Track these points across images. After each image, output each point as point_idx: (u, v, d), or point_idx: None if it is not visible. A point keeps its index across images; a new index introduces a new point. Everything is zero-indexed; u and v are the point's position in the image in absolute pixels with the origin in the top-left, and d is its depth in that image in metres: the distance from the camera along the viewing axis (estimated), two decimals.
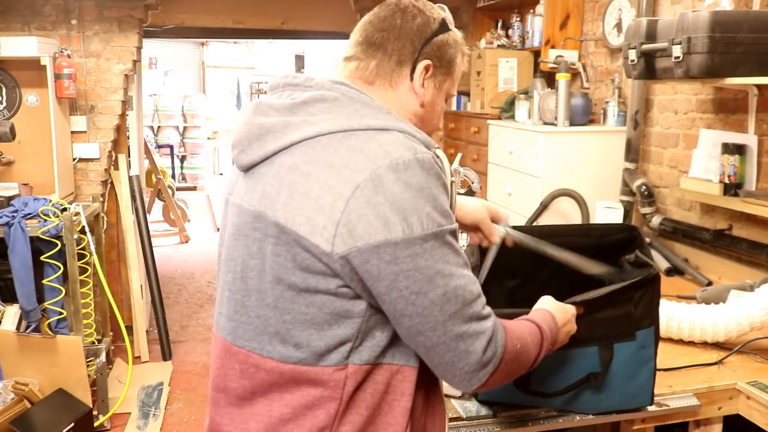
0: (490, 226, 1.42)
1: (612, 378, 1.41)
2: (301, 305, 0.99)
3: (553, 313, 1.23)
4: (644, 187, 2.89)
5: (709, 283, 2.46)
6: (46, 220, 3.14)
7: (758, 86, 2.38)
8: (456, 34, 1.16)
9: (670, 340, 1.86)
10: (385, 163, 0.95)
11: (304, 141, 1.00)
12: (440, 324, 0.96)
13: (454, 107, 4.53)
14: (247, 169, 1.06)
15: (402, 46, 1.10)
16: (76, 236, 3.21)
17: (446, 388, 1.49)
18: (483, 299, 1.02)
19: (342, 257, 0.94)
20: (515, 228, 1.45)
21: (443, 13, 1.16)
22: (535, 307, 1.25)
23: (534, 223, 3.12)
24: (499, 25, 4.29)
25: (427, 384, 1.09)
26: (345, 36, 5.22)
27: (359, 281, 0.96)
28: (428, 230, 0.94)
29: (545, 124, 3.27)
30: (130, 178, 4.12)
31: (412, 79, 1.11)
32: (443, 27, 1.13)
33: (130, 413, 3.39)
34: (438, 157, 1.03)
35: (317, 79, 1.08)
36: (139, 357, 4.03)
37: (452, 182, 1.06)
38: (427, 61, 1.11)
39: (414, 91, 1.12)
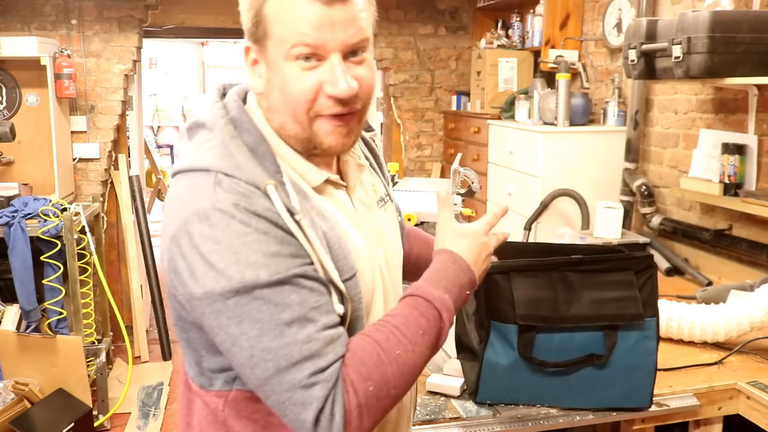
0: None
1: (614, 364, 1.42)
2: (185, 330, 0.99)
3: (457, 252, 1.02)
4: (644, 187, 2.89)
5: (709, 283, 2.46)
6: (46, 220, 3.14)
7: (758, 86, 2.38)
8: None
9: (670, 340, 1.86)
10: (188, 213, 0.88)
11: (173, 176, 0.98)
12: (258, 387, 0.88)
13: (454, 107, 4.53)
14: None
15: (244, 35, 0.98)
16: (76, 236, 3.21)
17: (445, 388, 1.50)
18: (317, 361, 0.86)
19: (179, 304, 0.94)
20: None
21: None
22: (437, 245, 1.05)
23: (534, 223, 3.12)
24: (499, 25, 4.29)
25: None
26: None
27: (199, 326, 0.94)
28: (226, 287, 0.85)
29: (545, 124, 3.27)
30: (130, 178, 4.12)
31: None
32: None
33: (130, 413, 3.39)
34: (268, 195, 0.89)
35: (214, 99, 1.01)
36: (139, 357, 4.03)
37: (297, 220, 0.89)
38: (246, 43, 0.96)
39: (252, 85, 0.98)
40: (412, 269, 1.27)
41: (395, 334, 0.92)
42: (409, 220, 1.94)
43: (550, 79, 3.53)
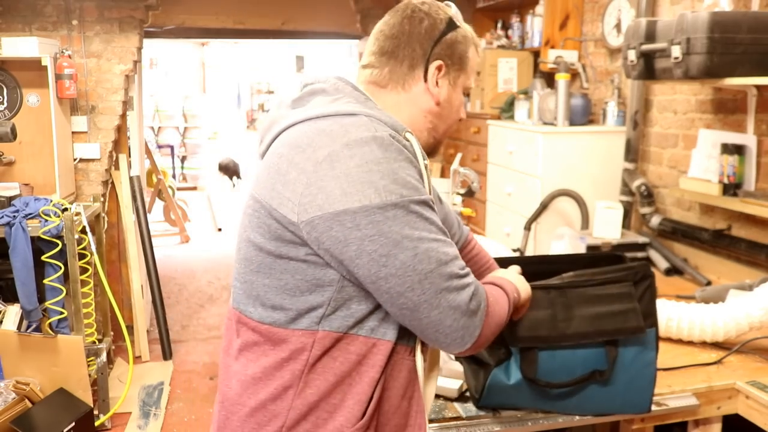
0: None
1: (615, 378, 1.41)
2: (277, 271, 1.06)
3: (517, 286, 1.27)
4: (644, 187, 2.90)
5: (708, 283, 2.47)
6: (47, 220, 3.14)
7: (757, 86, 2.39)
8: (465, 29, 1.22)
9: (669, 339, 1.86)
10: (344, 140, 1.02)
11: (289, 128, 1.11)
12: (417, 283, 1.00)
13: None
14: (261, 156, 1.18)
15: (412, 51, 1.17)
16: (76, 236, 3.22)
17: (443, 389, 1.50)
18: (460, 262, 1.05)
19: (307, 224, 1.01)
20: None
21: (450, 11, 1.21)
22: (502, 274, 1.31)
23: (533, 223, 3.12)
24: (499, 25, 4.29)
25: (410, 368, 1.12)
26: (345, 36, 5.25)
27: (326, 250, 1.01)
28: (387, 200, 0.99)
29: (545, 124, 3.28)
30: (130, 178, 4.13)
31: (426, 80, 1.18)
32: (450, 26, 1.19)
33: (130, 413, 3.40)
34: (407, 140, 1.09)
35: (322, 76, 1.18)
36: (140, 357, 4.04)
37: (425, 165, 1.10)
38: (438, 62, 1.17)
39: (429, 91, 1.18)
40: None
41: (501, 294, 1.18)
42: None
43: (549, 80, 3.54)
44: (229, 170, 10.01)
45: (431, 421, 1.41)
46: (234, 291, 1.18)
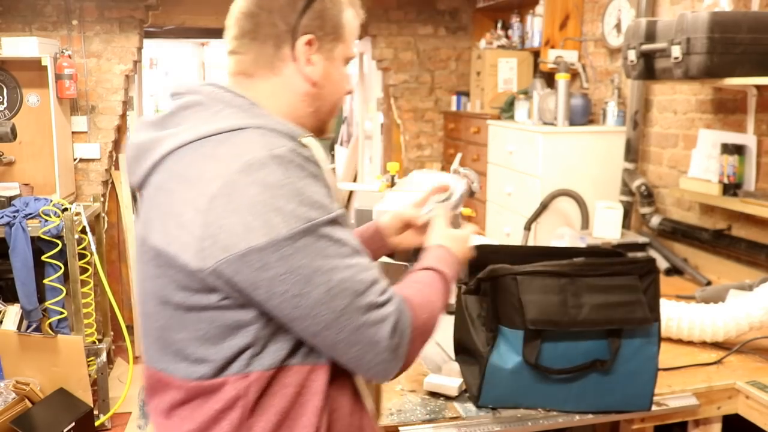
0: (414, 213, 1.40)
1: (617, 369, 1.42)
2: (191, 323, 0.95)
3: (448, 247, 1.22)
4: (643, 187, 2.90)
5: (708, 283, 2.47)
6: (47, 220, 3.15)
7: (757, 86, 2.39)
8: None
9: (669, 339, 1.86)
10: (237, 166, 0.90)
11: (167, 155, 0.97)
12: (333, 321, 0.92)
13: (454, 107, 4.54)
14: (139, 189, 1.05)
15: (275, 27, 1.02)
16: (76, 236, 3.22)
17: (443, 388, 1.50)
18: (380, 285, 0.96)
19: (212, 272, 0.90)
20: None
21: None
22: (428, 241, 1.25)
23: (533, 223, 3.12)
24: (499, 25, 4.29)
25: (350, 381, 1.05)
26: None
27: (238, 291, 0.92)
28: (296, 228, 0.89)
29: (545, 124, 3.28)
30: None
31: (295, 59, 1.04)
32: None
33: (130, 413, 3.40)
34: (305, 146, 0.97)
35: (190, 84, 1.04)
36: (140, 357, 4.03)
37: (332, 168, 1.04)
38: (307, 36, 1.03)
39: (301, 72, 1.04)
40: None
41: (430, 286, 1.09)
42: None
43: (549, 80, 3.54)
44: None
45: (431, 420, 1.41)
46: (146, 349, 1.06)
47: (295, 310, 0.91)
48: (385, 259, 1.65)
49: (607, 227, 2.74)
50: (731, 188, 2.46)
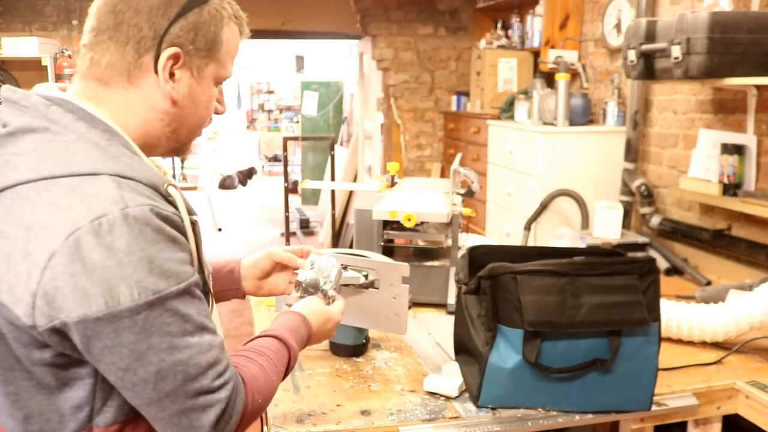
0: (288, 256, 1.30)
1: (617, 369, 1.42)
2: (22, 377, 0.87)
3: (308, 320, 1.17)
4: (643, 187, 2.90)
5: (708, 283, 2.47)
6: None
7: (757, 86, 2.39)
8: (223, 5, 0.97)
9: (669, 339, 1.86)
10: (86, 223, 0.80)
11: (4, 191, 0.84)
12: (156, 401, 0.85)
13: (454, 107, 4.54)
14: None
15: (138, 31, 0.90)
16: None
17: (443, 388, 1.50)
18: (217, 368, 0.88)
19: (46, 330, 0.81)
20: None
21: None
22: (296, 307, 1.19)
23: (533, 223, 3.12)
24: (499, 25, 4.30)
25: None
26: (345, 36, 5.25)
27: (72, 348, 0.84)
28: (140, 300, 0.81)
29: (545, 124, 3.28)
30: None
31: (157, 72, 0.92)
32: (197, 1, 0.93)
33: None
34: (171, 196, 0.89)
35: (35, 97, 0.90)
36: None
37: (193, 222, 0.93)
38: (173, 49, 0.91)
39: (159, 87, 0.93)
40: None
41: (272, 362, 1.04)
42: (409, 220, 1.95)
43: (549, 80, 3.54)
44: (233, 184, 10.13)
45: (431, 420, 1.41)
46: None
47: (119, 381, 0.84)
48: (384, 258, 1.65)
49: (607, 227, 2.75)
50: (731, 188, 2.46)
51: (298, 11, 4.75)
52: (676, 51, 2.20)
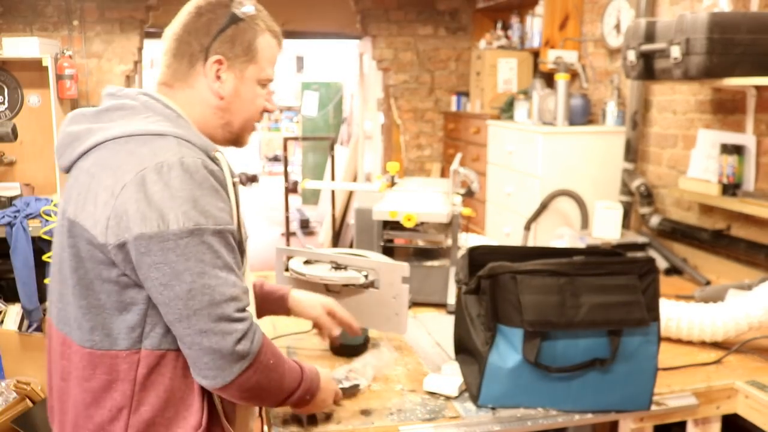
0: (328, 323, 1.52)
1: (616, 369, 1.43)
2: (92, 292, 1.08)
3: (320, 375, 1.30)
4: (643, 187, 2.90)
5: (708, 283, 2.47)
6: (47, 220, 3.15)
7: (756, 87, 2.39)
8: (257, 21, 1.22)
9: (668, 339, 1.87)
10: (151, 164, 1.04)
11: (98, 145, 1.11)
12: (185, 318, 1.03)
13: (453, 108, 4.54)
14: (66, 171, 1.19)
15: (190, 47, 1.19)
16: None
17: (443, 388, 1.51)
18: (239, 303, 1.07)
19: (114, 247, 1.04)
20: None
21: (241, 5, 1.21)
22: (319, 371, 1.33)
23: (533, 223, 3.13)
24: (499, 25, 4.30)
25: None
26: (345, 36, 5.25)
27: (130, 270, 1.05)
28: (183, 227, 1.02)
29: (544, 124, 3.28)
30: None
31: (206, 75, 1.19)
32: (232, 20, 1.19)
33: None
34: (217, 159, 1.12)
35: (128, 90, 1.18)
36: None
37: (234, 183, 1.15)
38: (216, 56, 1.19)
39: (210, 87, 1.20)
40: None
41: (288, 364, 1.20)
42: (409, 220, 1.95)
43: (549, 80, 3.54)
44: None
45: (431, 420, 1.42)
46: (53, 311, 1.18)
47: (159, 296, 1.04)
48: (384, 258, 1.65)
49: (607, 227, 2.75)
50: (730, 188, 2.46)
51: (299, 11, 4.75)
52: (676, 51, 2.20)
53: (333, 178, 5.28)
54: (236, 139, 1.28)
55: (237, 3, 1.21)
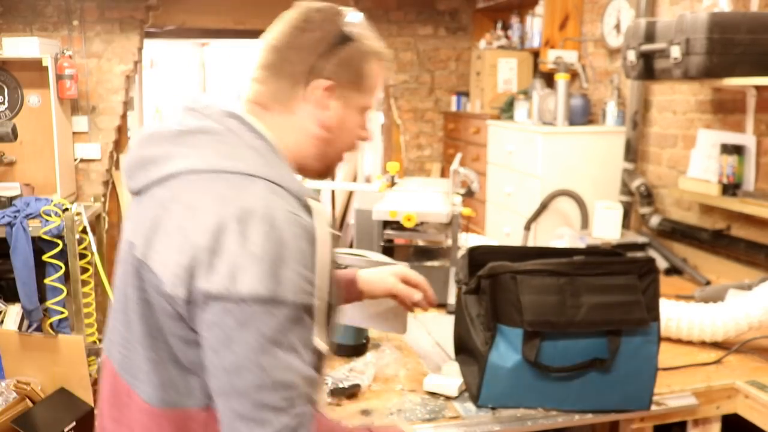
0: (406, 290, 1.45)
1: (616, 368, 1.43)
2: (164, 345, 0.95)
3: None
4: (643, 187, 2.90)
5: (708, 283, 2.47)
6: (47, 220, 3.15)
7: (756, 87, 2.39)
8: (367, 42, 1.06)
9: (668, 339, 1.87)
10: (234, 212, 0.89)
11: (178, 175, 0.96)
12: (224, 394, 0.90)
13: (453, 108, 4.54)
14: (135, 193, 1.05)
15: (293, 66, 1.02)
16: (77, 236, 3.22)
17: (443, 388, 1.51)
18: (290, 392, 0.89)
19: (183, 300, 0.90)
20: None
21: (351, 21, 1.05)
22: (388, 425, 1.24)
23: (533, 223, 3.13)
24: (499, 25, 4.30)
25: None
26: None
27: (194, 325, 0.92)
28: (252, 292, 0.87)
29: (544, 124, 3.28)
30: None
31: (307, 100, 1.03)
32: (344, 39, 1.03)
33: None
34: (311, 208, 0.95)
35: (213, 107, 1.03)
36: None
37: (333, 234, 0.98)
38: (325, 81, 1.02)
39: (314, 115, 1.04)
40: None
41: None
42: (409, 220, 1.95)
43: (549, 80, 3.54)
44: None
45: (431, 420, 1.42)
46: (115, 354, 1.03)
47: (206, 359, 0.91)
48: (384, 258, 1.65)
49: (607, 227, 2.75)
50: (730, 188, 2.46)
51: None
52: (676, 51, 2.20)
53: (333, 178, 5.28)
54: (326, 171, 1.12)
55: (346, 20, 1.05)
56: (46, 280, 3.19)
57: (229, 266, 0.87)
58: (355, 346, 1.69)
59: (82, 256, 3.35)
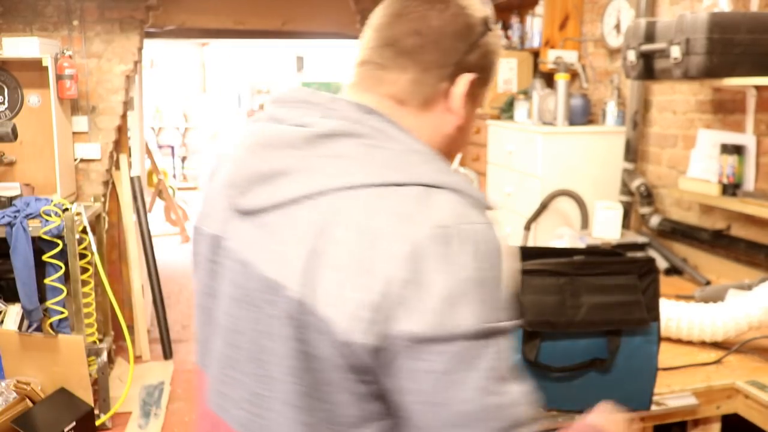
0: None
1: (616, 369, 1.43)
2: (323, 407, 0.78)
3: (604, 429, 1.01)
4: (643, 188, 2.90)
5: (708, 283, 2.47)
6: (47, 220, 3.15)
7: (756, 87, 2.40)
8: (496, 31, 0.92)
9: (668, 339, 1.87)
10: (429, 233, 0.73)
11: (327, 192, 0.77)
12: None
13: None
14: (249, 213, 0.83)
15: (441, 57, 0.85)
16: (77, 236, 3.22)
17: None
18: (528, 428, 0.78)
19: (369, 348, 0.73)
20: None
21: (483, 5, 0.90)
22: (589, 419, 1.04)
23: (533, 223, 3.13)
24: (499, 25, 4.30)
25: None
26: (345, 36, 5.25)
27: (386, 379, 0.76)
28: (475, 326, 0.72)
29: (544, 124, 3.28)
30: (131, 178, 4.13)
31: (448, 97, 0.87)
32: (487, 26, 0.89)
33: (131, 412, 3.40)
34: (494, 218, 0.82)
35: (341, 102, 0.84)
36: (140, 356, 4.04)
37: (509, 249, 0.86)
38: (471, 75, 0.87)
39: (452, 111, 0.88)
40: None
41: None
42: None
43: (549, 80, 3.54)
44: None
45: None
46: (233, 407, 0.85)
47: (418, 414, 0.75)
48: None
49: (607, 227, 2.75)
50: (730, 188, 2.46)
51: (299, 12, 4.75)
52: (676, 51, 2.20)
53: None
54: None
55: (483, 3, 0.90)
56: (46, 280, 3.19)
57: (439, 299, 0.71)
58: None
59: (82, 256, 3.35)
